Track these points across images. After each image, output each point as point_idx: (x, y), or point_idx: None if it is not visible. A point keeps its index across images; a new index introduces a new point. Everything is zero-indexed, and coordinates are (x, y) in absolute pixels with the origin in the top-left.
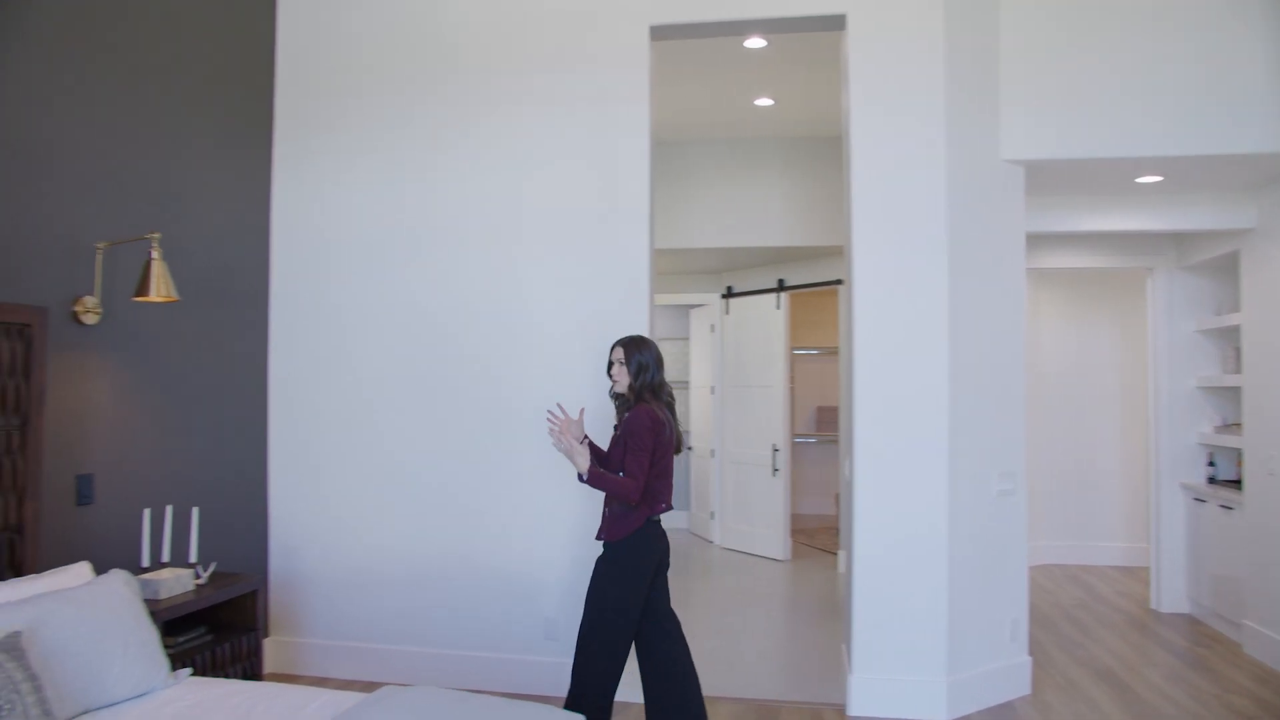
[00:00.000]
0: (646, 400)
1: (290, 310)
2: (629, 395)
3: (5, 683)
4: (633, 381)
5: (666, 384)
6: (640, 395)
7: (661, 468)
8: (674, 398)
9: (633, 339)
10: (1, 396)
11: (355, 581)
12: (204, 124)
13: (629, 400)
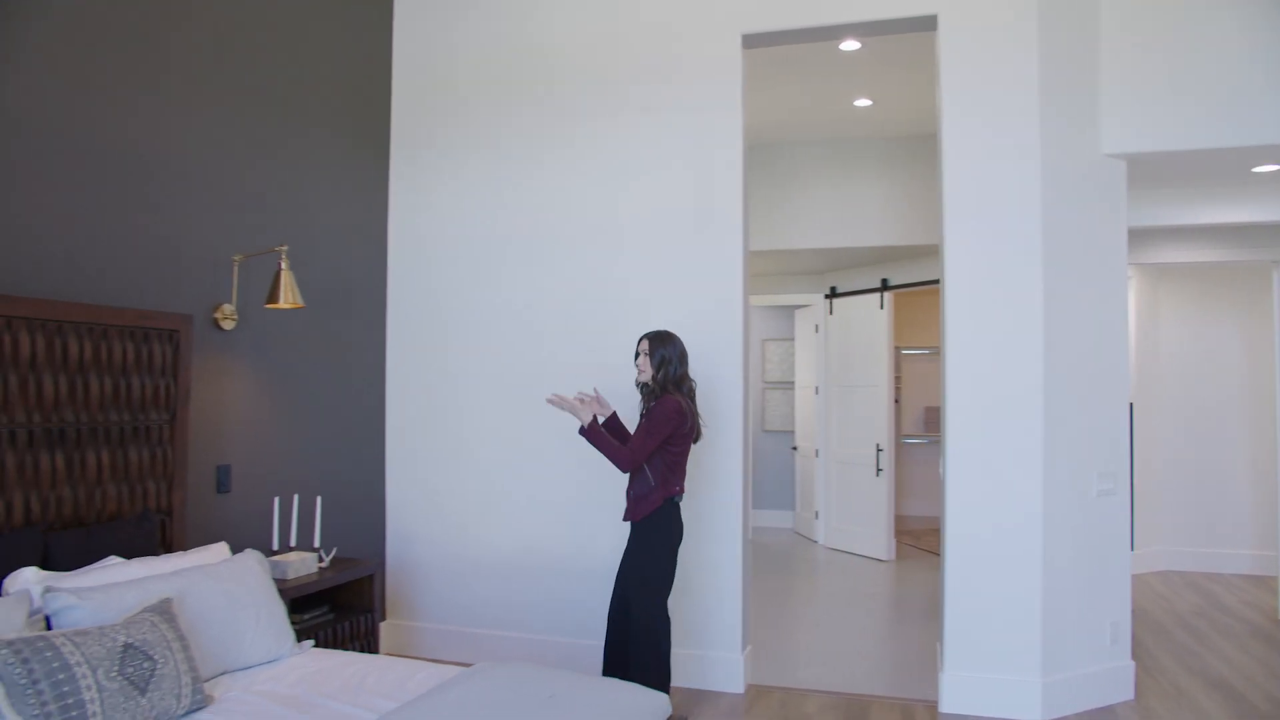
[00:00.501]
0: (670, 391)
1: (405, 314)
2: (653, 385)
3: (159, 640)
4: (655, 373)
5: (690, 378)
6: (664, 386)
7: (678, 454)
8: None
9: (659, 334)
10: (154, 394)
11: (463, 570)
12: (328, 144)
13: (653, 390)
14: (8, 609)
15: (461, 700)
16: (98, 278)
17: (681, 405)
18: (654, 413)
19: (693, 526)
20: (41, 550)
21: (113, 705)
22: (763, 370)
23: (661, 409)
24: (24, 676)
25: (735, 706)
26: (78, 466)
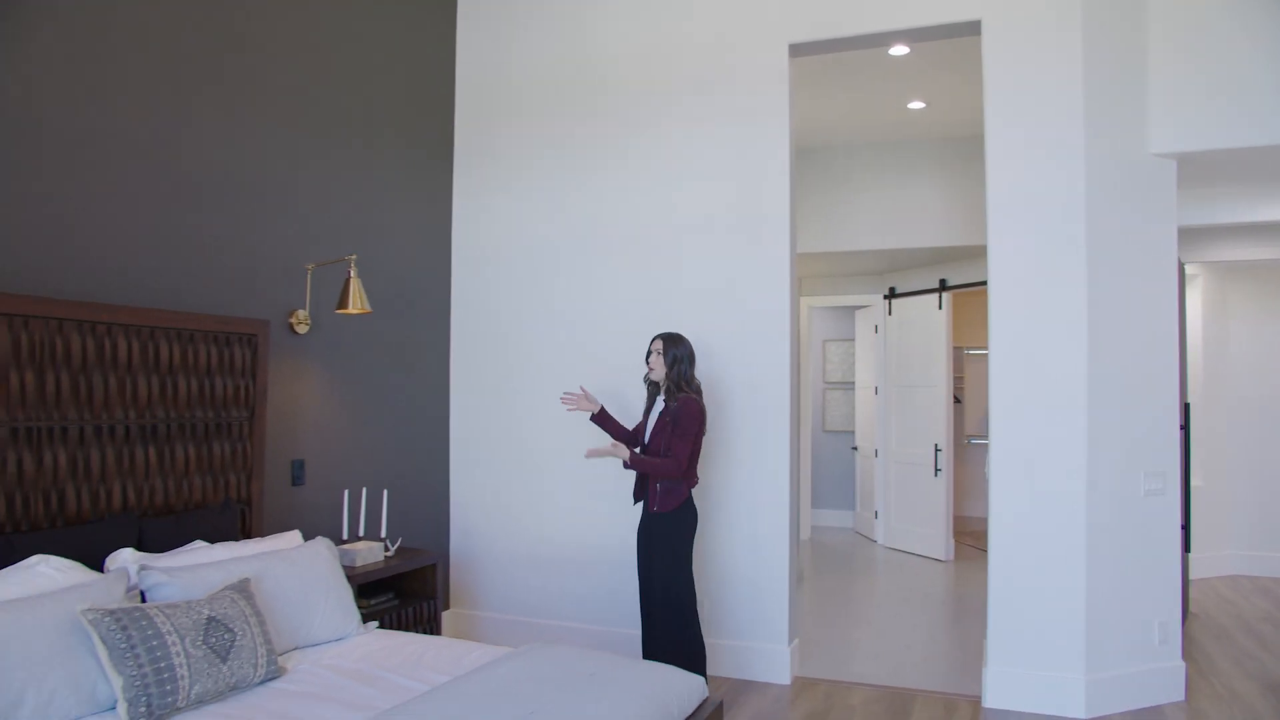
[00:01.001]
0: (683, 389)
1: (467, 317)
2: (665, 383)
3: (239, 615)
4: (668, 371)
5: (695, 377)
6: (678, 384)
7: (696, 449)
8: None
9: (671, 335)
10: (235, 394)
11: (520, 562)
12: (396, 157)
13: (667, 387)
14: (109, 584)
15: (508, 675)
16: (185, 287)
17: (701, 405)
18: (681, 417)
19: (741, 523)
20: (137, 533)
21: (198, 670)
22: (823, 371)
23: (687, 412)
24: (124, 641)
25: (781, 696)
26: (168, 459)
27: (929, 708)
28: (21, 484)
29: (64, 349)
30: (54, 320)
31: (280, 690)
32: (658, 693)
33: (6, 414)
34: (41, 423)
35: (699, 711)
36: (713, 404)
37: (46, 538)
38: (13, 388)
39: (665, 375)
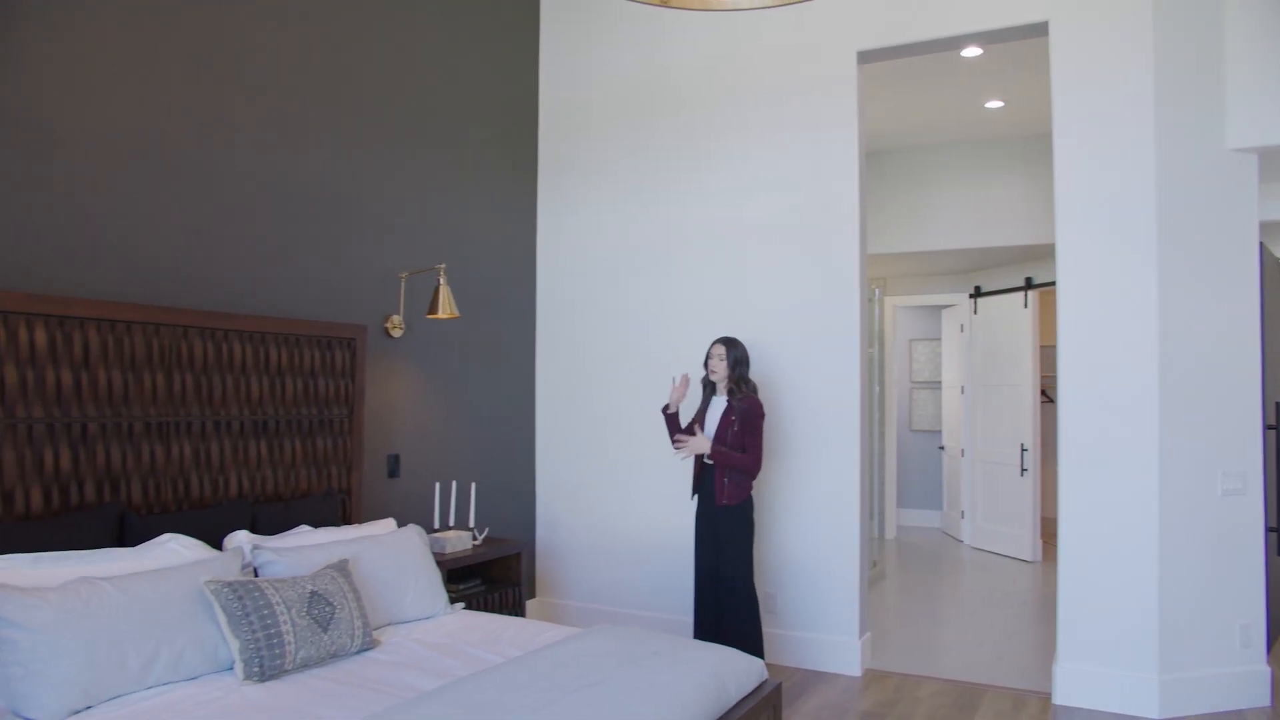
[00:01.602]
0: (742, 390)
1: (551, 322)
2: (727, 384)
3: (338, 590)
4: (730, 372)
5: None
6: (738, 385)
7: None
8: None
9: (730, 339)
10: (336, 393)
11: (601, 554)
12: (483, 171)
13: (729, 388)
14: (227, 560)
15: (577, 650)
16: (291, 296)
17: (761, 403)
18: (751, 415)
19: (813, 519)
20: (250, 517)
21: (302, 638)
22: (909, 370)
23: (753, 410)
24: (240, 609)
25: (850, 687)
26: (277, 452)
27: (997, 702)
28: (154, 472)
29: (189, 353)
30: (180, 328)
31: (373, 659)
32: (716, 670)
33: (141, 410)
34: (170, 418)
35: (756, 692)
36: (784, 403)
37: (174, 519)
38: (146, 387)
39: (727, 376)
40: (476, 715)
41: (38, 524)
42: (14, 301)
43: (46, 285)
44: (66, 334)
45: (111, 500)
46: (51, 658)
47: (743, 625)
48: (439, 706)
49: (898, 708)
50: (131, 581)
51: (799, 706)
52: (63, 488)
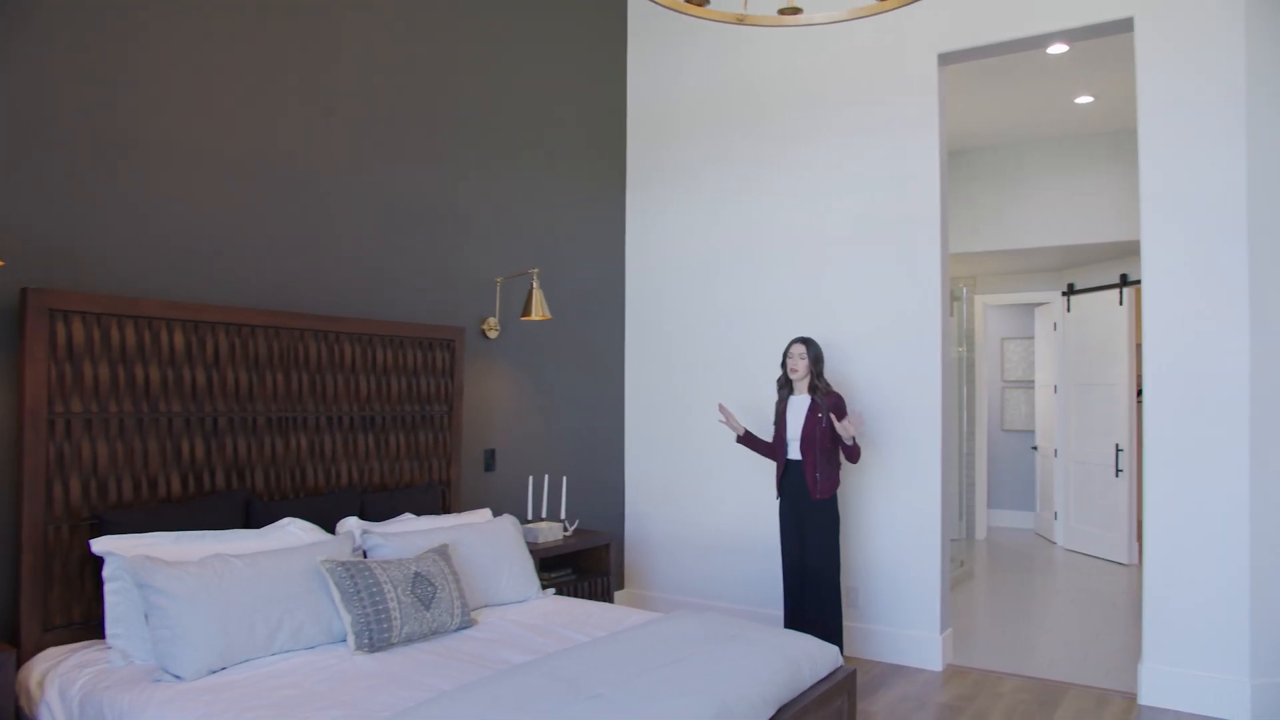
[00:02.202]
0: (824, 387)
1: (639, 322)
2: (807, 381)
3: (439, 572)
4: (812, 368)
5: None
6: (816, 382)
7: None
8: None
9: (806, 338)
10: (437, 391)
11: (686, 548)
12: (574, 180)
13: (810, 384)
14: (339, 543)
15: (660, 632)
16: (395, 301)
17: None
18: (838, 409)
19: (895, 517)
20: (359, 505)
21: (407, 614)
22: (1001, 369)
23: (840, 403)
24: (352, 587)
25: (930, 681)
26: (384, 446)
27: (1079, 700)
28: (275, 462)
29: (305, 354)
30: (297, 331)
31: (471, 637)
32: (792, 653)
33: (264, 406)
34: (288, 414)
35: (831, 677)
36: (865, 402)
37: (292, 505)
38: (268, 385)
39: (808, 373)
40: (564, 685)
41: (176, 506)
42: (155, 308)
43: (183, 293)
44: (200, 337)
45: (239, 487)
46: (193, 623)
47: (825, 616)
48: (530, 677)
49: (976, 702)
50: (258, 559)
51: (879, 698)
52: (197, 475)
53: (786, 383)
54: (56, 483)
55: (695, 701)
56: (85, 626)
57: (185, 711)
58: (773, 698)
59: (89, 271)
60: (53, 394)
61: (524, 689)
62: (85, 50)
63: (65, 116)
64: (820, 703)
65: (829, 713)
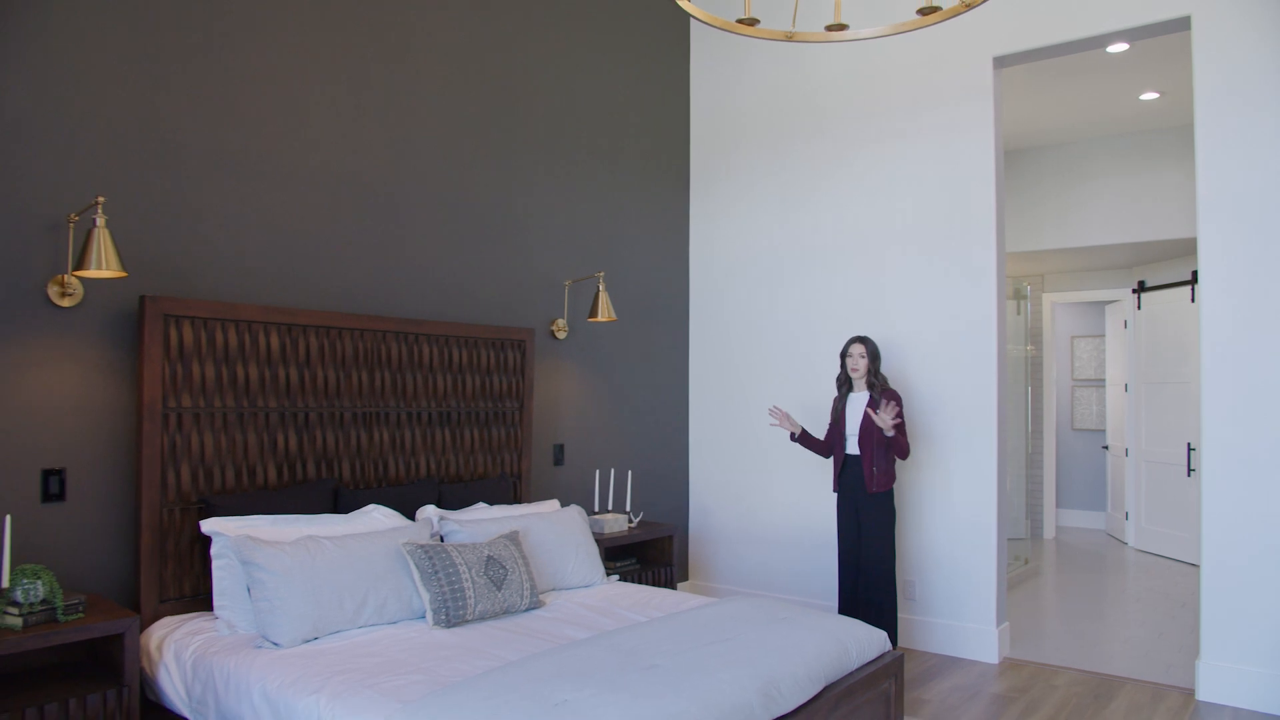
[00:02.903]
0: (879, 385)
1: (703, 323)
2: (866, 378)
3: (510, 556)
4: (870, 365)
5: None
6: (874, 379)
7: None
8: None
9: (864, 337)
10: (508, 389)
11: (748, 541)
12: (639, 186)
13: (869, 382)
14: (419, 528)
15: (714, 614)
16: (470, 304)
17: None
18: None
19: (952, 513)
20: (437, 494)
21: (480, 594)
22: (1071, 368)
23: (898, 401)
24: (430, 567)
25: (985, 673)
26: (459, 440)
27: (1135, 694)
28: (360, 454)
29: (387, 354)
30: (380, 333)
31: (539, 616)
32: (838, 635)
33: (350, 402)
34: (372, 409)
35: (878, 660)
36: (922, 399)
37: (376, 493)
38: (354, 383)
39: (867, 371)
40: (622, 656)
41: (273, 493)
42: (254, 313)
43: (278, 299)
44: (293, 339)
45: (328, 476)
46: (289, 596)
47: (879, 606)
48: (592, 649)
49: (1030, 693)
50: (345, 541)
51: (933, 686)
52: (291, 465)
53: (846, 380)
54: (170, 470)
55: (742, 673)
56: (195, 599)
57: (283, 674)
58: (818, 675)
59: (197, 280)
60: (167, 390)
61: (585, 659)
62: (195, 84)
63: (177, 143)
64: (867, 684)
65: (876, 694)
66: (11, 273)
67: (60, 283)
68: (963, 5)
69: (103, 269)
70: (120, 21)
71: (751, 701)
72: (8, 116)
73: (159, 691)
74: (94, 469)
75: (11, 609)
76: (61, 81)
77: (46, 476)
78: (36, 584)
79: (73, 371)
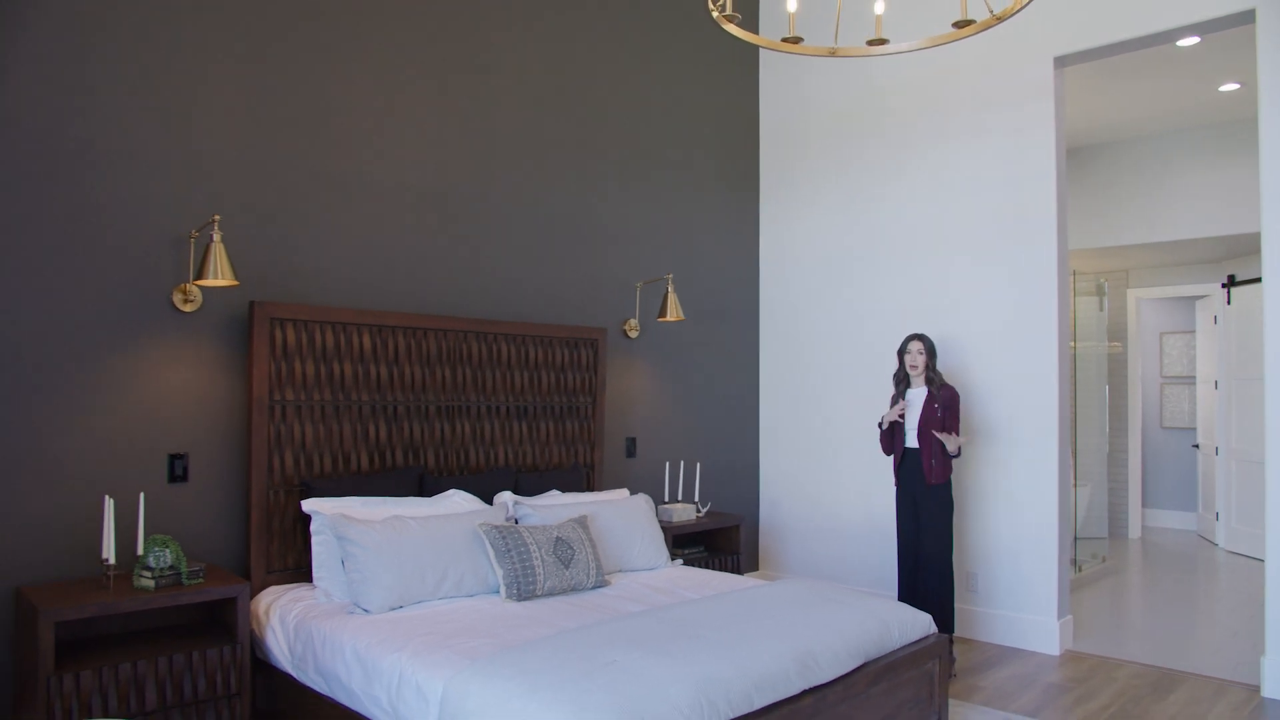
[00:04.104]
0: (937, 380)
1: (773, 322)
2: (925, 374)
3: (578, 539)
4: (928, 361)
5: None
6: (931, 374)
7: None
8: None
9: (922, 334)
10: (582, 384)
11: (816, 532)
12: (709, 190)
13: (928, 377)
14: (495, 511)
15: (765, 594)
16: (545, 304)
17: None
18: (953, 403)
19: (1013, 506)
20: (514, 481)
21: (549, 571)
22: (1159, 365)
23: (955, 397)
24: (503, 546)
25: (1044, 664)
26: (535, 432)
27: (1196, 689)
28: (443, 444)
29: (468, 352)
30: (461, 332)
31: (603, 594)
32: (881, 615)
33: (434, 397)
34: (454, 403)
35: (921, 640)
36: (983, 394)
37: (457, 480)
38: (438, 379)
39: (925, 367)
40: (671, 627)
41: (365, 478)
42: (348, 315)
43: (370, 303)
44: (383, 339)
45: (414, 464)
46: (378, 568)
47: (938, 596)
48: (644, 620)
49: (1088, 684)
50: (428, 521)
51: (990, 675)
52: (381, 453)
53: (904, 377)
54: (275, 456)
55: (781, 644)
56: (297, 570)
57: (372, 636)
58: (857, 650)
59: (299, 286)
60: (273, 385)
61: (637, 628)
62: (295, 113)
63: (281, 166)
64: (909, 662)
65: (919, 674)
66: (142, 283)
67: (183, 291)
68: (994, 18)
69: (219, 279)
70: (230, 61)
71: (788, 670)
72: (138, 146)
73: (266, 650)
74: (211, 454)
75: (145, 573)
76: (182, 115)
77: (172, 460)
78: (165, 552)
79: (194, 369)
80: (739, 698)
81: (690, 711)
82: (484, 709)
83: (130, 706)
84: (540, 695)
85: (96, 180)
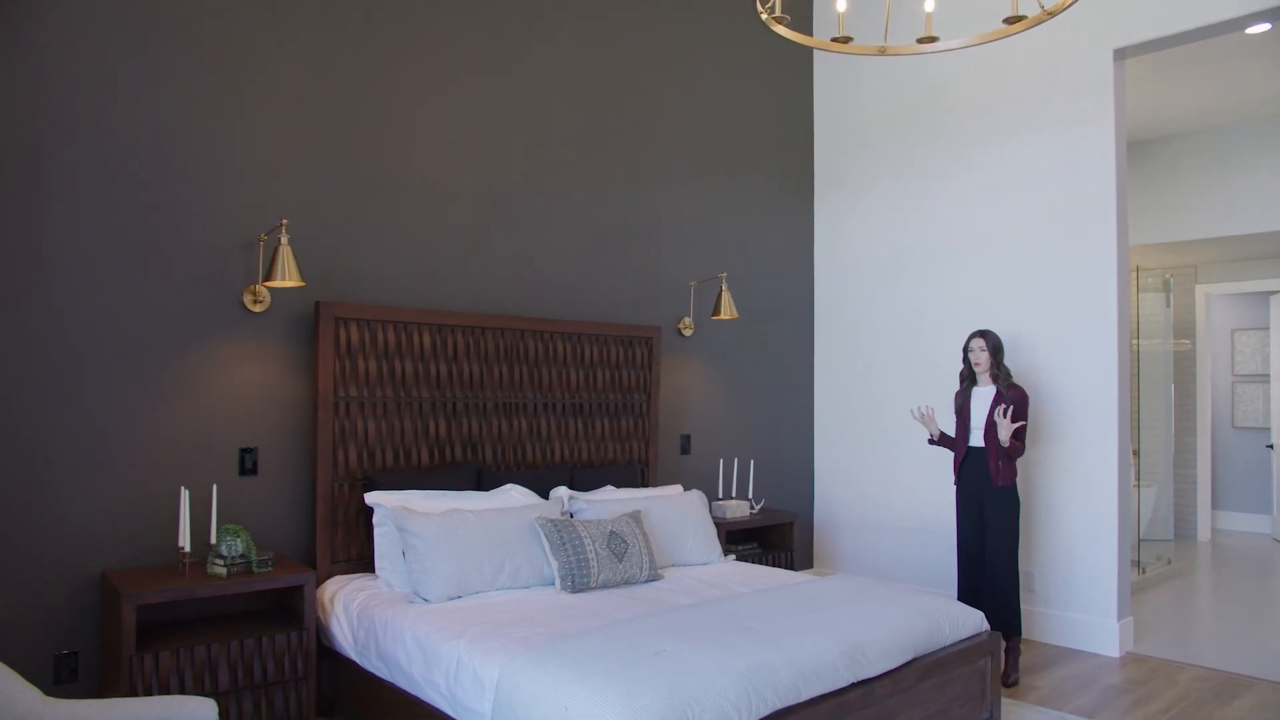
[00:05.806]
0: (1003, 375)
1: (828, 321)
2: (990, 371)
3: (631, 533)
4: (992, 358)
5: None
6: (997, 372)
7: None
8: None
9: (985, 330)
10: (636, 382)
11: (871, 530)
12: (763, 190)
13: (994, 375)
14: (551, 505)
15: (815, 588)
16: (601, 303)
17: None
18: (1021, 403)
19: (1074, 507)
20: (569, 476)
21: (603, 564)
22: (1231, 363)
23: (1024, 399)
24: (559, 539)
25: (1104, 666)
26: (591, 428)
27: (1263, 694)
28: (501, 440)
29: (525, 350)
30: (518, 331)
31: (656, 587)
32: (931, 611)
33: (492, 394)
34: (512, 400)
35: (973, 638)
36: (1043, 392)
37: (514, 475)
38: (495, 376)
39: (989, 364)
40: (721, 620)
41: (425, 472)
42: (409, 315)
43: (430, 302)
44: (443, 338)
45: (472, 459)
46: (437, 559)
47: (1005, 599)
48: (695, 612)
49: (1147, 686)
50: (486, 515)
51: (1047, 674)
52: (440, 448)
53: (970, 375)
54: (339, 450)
55: (830, 637)
56: (360, 561)
57: (431, 623)
58: (906, 645)
59: (362, 287)
60: (337, 382)
61: (687, 619)
62: (357, 120)
63: (344, 171)
64: (960, 659)
65: (970, 670)
66: (214, 284)
67: (253, 292)
68: (1045, 13)
69: (286, 280)
70: (296, 75)
71: (836, 662)
72: (210, 155)
73: (330, 637)
74: (279, 448)
75: (218, 560)
76: (251, 125)
77: (243, 454)
78: (236, 541)
79: (263, 366)
80: (786, 688)
81: (738, 700)
82: (537, 695)
83: (205, 686)
84: (591, 682)
85: (175, 189)
